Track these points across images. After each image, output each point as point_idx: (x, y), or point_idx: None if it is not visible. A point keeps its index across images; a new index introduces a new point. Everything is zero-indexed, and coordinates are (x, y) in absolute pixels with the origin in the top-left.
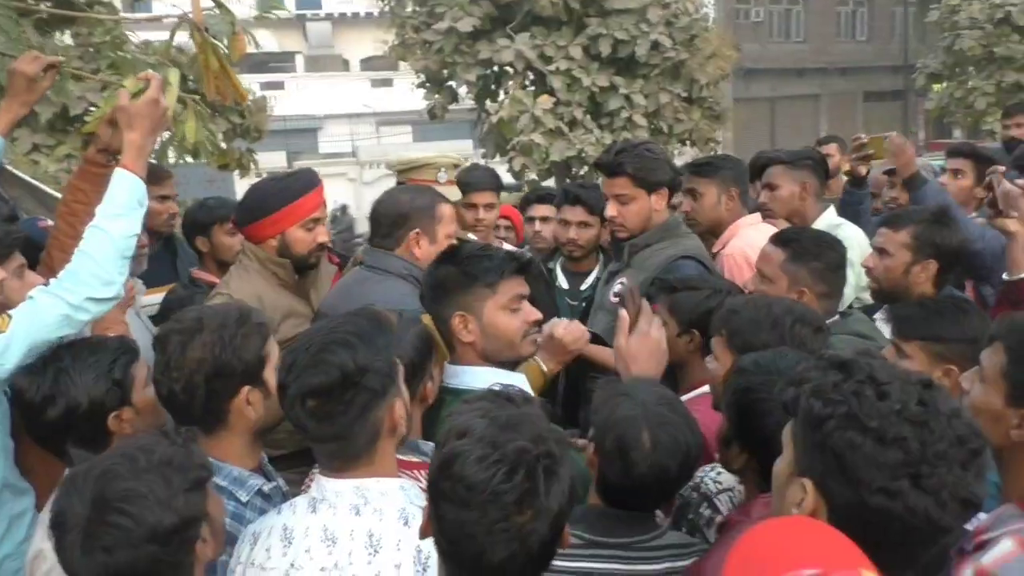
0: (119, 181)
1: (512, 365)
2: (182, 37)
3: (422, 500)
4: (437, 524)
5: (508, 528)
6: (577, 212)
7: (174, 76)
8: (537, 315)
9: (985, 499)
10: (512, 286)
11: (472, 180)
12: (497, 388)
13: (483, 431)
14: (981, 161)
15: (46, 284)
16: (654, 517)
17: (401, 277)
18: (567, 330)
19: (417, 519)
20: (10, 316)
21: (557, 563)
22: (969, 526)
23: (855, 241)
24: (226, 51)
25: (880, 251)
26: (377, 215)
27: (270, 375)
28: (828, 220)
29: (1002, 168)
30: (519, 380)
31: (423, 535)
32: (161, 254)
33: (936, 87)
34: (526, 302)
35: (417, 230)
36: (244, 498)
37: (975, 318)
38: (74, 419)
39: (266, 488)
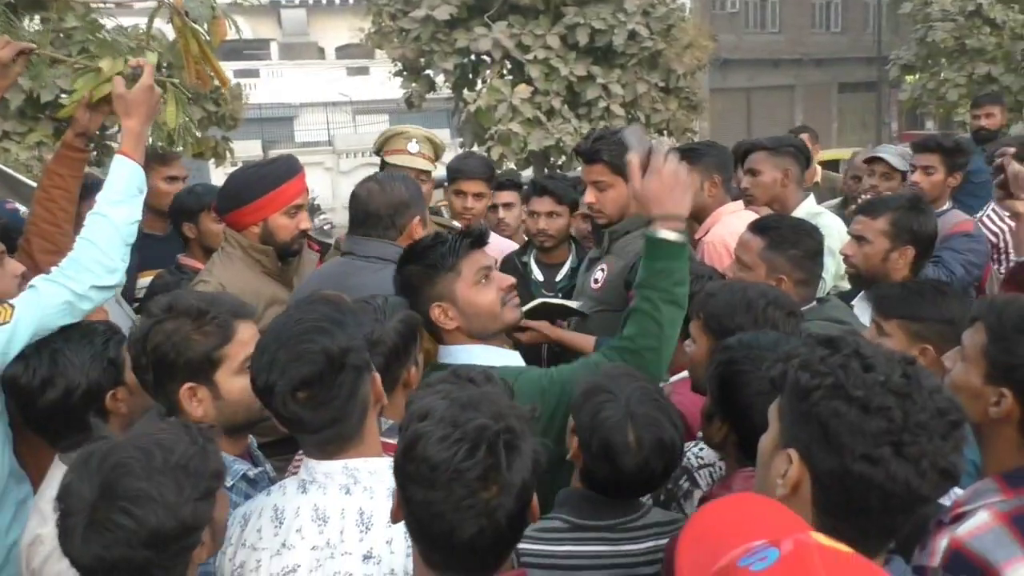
0: (119, 168)
1: (505, 340)
2: (159, 23)
3: None
4: (406, 506)
5: (475, 504)
6: (545, 203)
7: (152, 58)
8: (509, 279)
9: (962, 473)
10: (473, 261)
11: (464, 167)
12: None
13: (443, 411)
14: (949, 153)
15: (26, 271)
16: (638, 501)
17: (393, 262)
18: None
19: None
20: (12, 306)
21: (543, 547)
22: (948, 500)
23: (835, 230)
24: (206, 36)
25: (858, 238)
26: (373, 206)
27: (224, 378)
28: (808, 208)
29: (1012, 149)
30: (513, 357)
31: (395, 519)
32: (172, 235)
33: (909, 78)
34: (494, 271)
35: (418, 216)
36: (228, 483)
37: (953, 300)
38: (72, 400)
39: (251, 473)
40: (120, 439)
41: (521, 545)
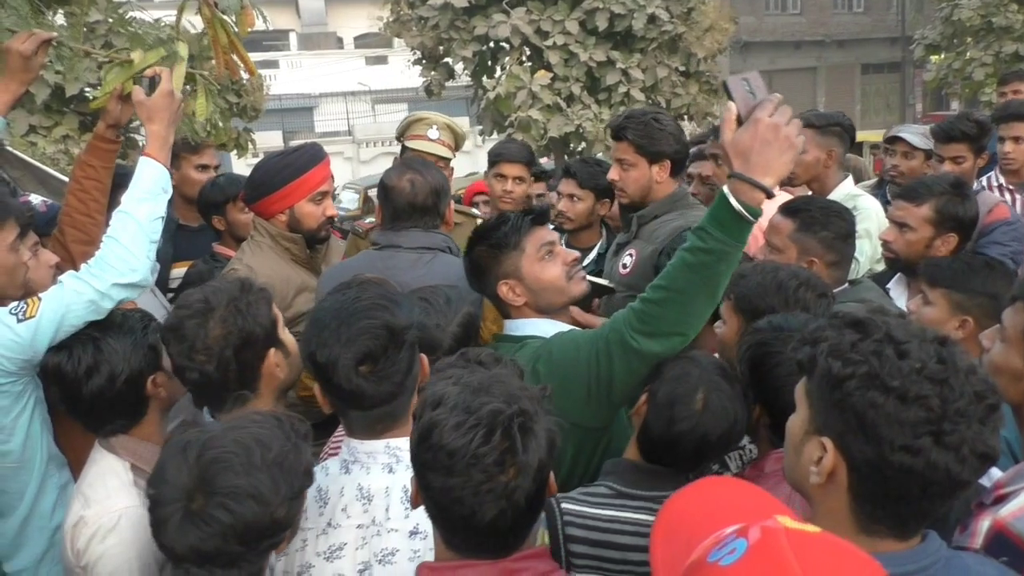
0: (144, 168)
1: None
2: (185, 15)
3: None
4: (425, 493)
5: (493, 488)
6: (568, 185)
7: (183, 50)
8: (573, 254)
9: (1000, 454)
10: (536, 238)
11: (505, 151)
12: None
13: (456, 398)
14: (975, 139)
15: (60, 262)
16: (684, 477)
17: (442, 251)
18: None
19: None
20: (40, 299)
21: (586, 510)
22: (987, 481)
23: (873, 212)
24: (234, 26)
25: (900, 225)
26: (420, 197)
27: (284, 335)
28: (847, 190)
29: None
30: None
31: (415, 505)
32: (206, 226)
33: (934, 58)
34: (558, 246)
35: (452, 201)
36: None
37: (1001, 276)
38: (116, 386)
39: None
40: (216, 431)
41: (564, 505)
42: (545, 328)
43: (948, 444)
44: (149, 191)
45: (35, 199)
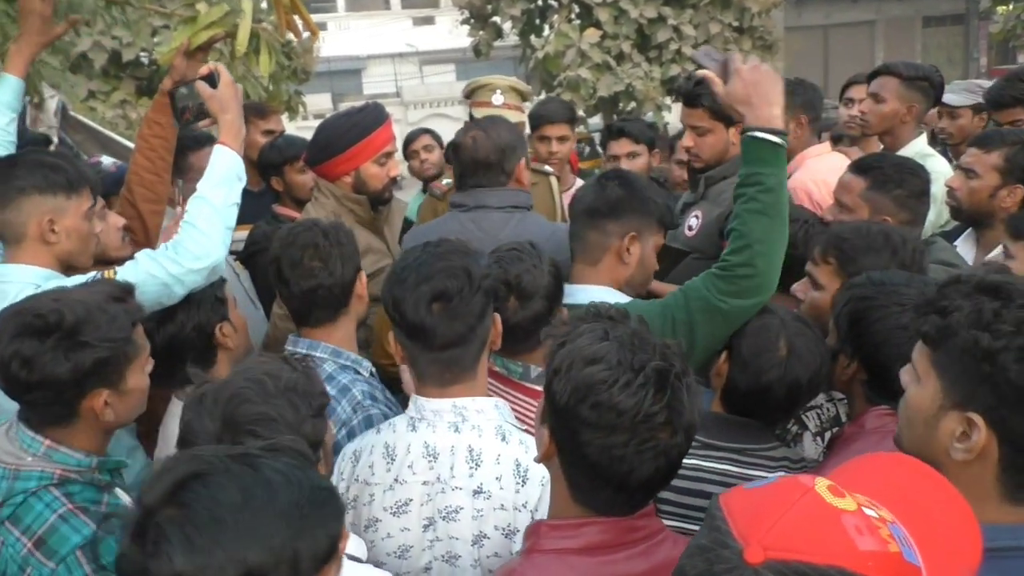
0: (219, 155)
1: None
2: None
3: (512, 417)
4: (577, 450)
5: (657, 446)
6: (623, 144)
7: (247, 5)
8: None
9: None
10: (661, 236)
11: (545, 112)
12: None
13: (616, 354)
14: None
15: (127, 226)
16: (771, 430)
17: (525, 208)
18: None
19: (513, 435)
20: (115, 272)
21: None
22: None
23: (942, 175)
24: None
25: (967, 171)
26: (482, 154)
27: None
28: (918, 148)
29: None
30: (624, 299)
31: (543, 458)
32: (267, 190)
33: (1001, 9)
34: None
35: (523, 159)
36: (364, 374)
37: None
38: (186, 332)
39: (373, 369)
40: (226, 377)
41: None
42: (606, 296)
43: None
44: (224, 177)
45: (106, 160)
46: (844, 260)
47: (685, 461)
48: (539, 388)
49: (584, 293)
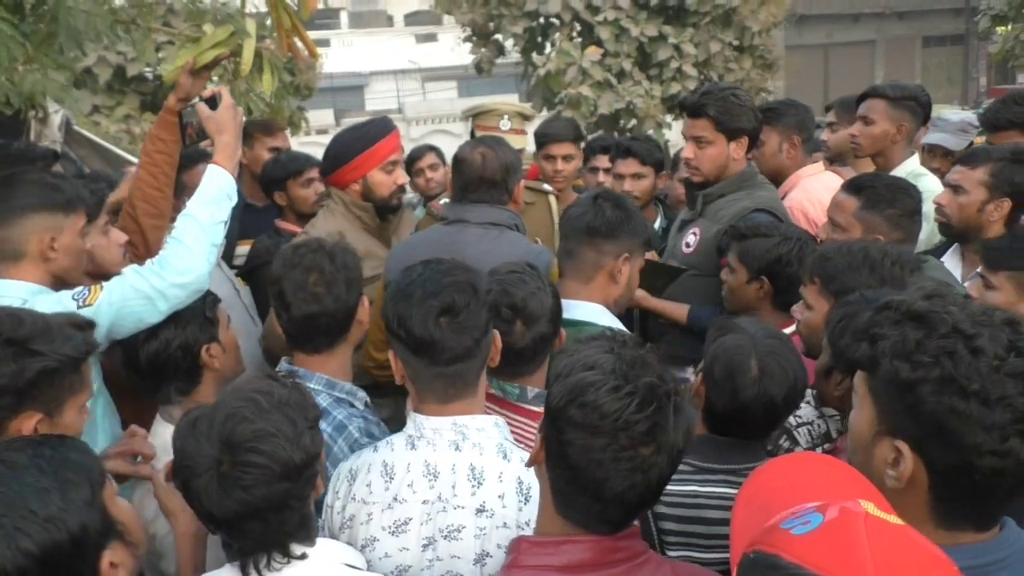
0: (211, 175)
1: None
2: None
3: (510, 436)
4: (560, 450)
5: (634, 458)
6: (630, 164)
7: (252, 27)
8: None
9: None
10: (643, 256)
11: (551, 131)
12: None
13: (613, 364)
14: None
15: (130, 242)
16: (762, 447)
17: (509, 228)
18: None
19: (514, 453)
20: (101, 288)
21: (671, 487)
22: None
23: (933, 194)
24: (296, 9)
25: (954, 188)
26: (489, 172)
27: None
28: (911, 168)
29: None
30: (615, 320)
31: (532, 463)
32: (271, 206)
33: (1000, 29)
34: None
35: (521, 179)
36: (359, 406)
37: None
38: (171, 350)
39: (367, 400)
40: (216, 400)
41: None
42: (599, 314)
43: None
44: (214, 197)
45: (131, 170)
46: (827, 279)
47: (683, 488)
48: (536, 409)
49: (579, 309)
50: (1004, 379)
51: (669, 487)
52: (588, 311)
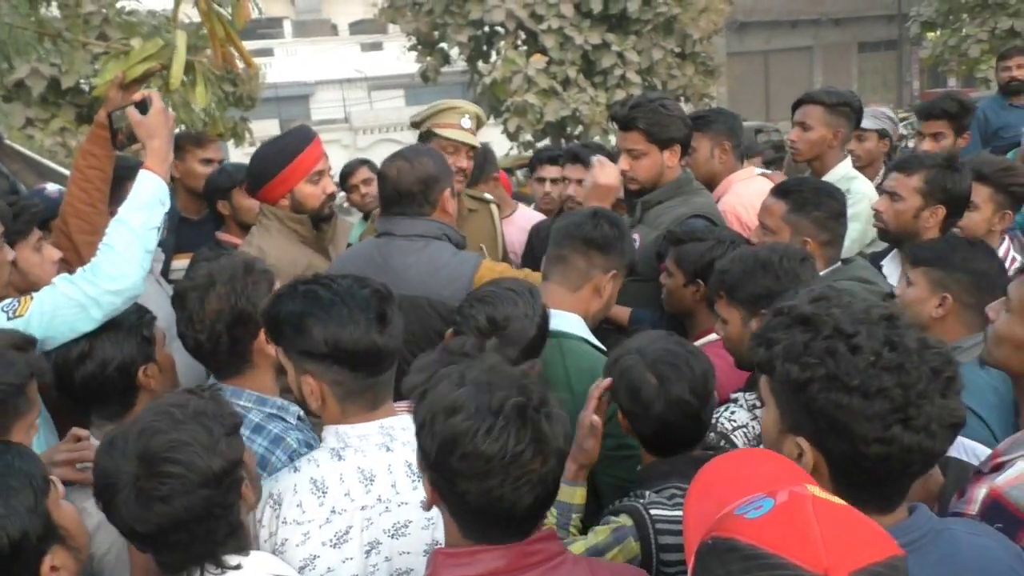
0: (143, 180)
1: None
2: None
3: None
4: (459, 499)
5: (532, 479)
6: (577, 170)
7: (181, 40)
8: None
9: (965, 418)
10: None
11: (544, 155)
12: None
13: (473, 400)
14: (956, 117)
15: (63, 259)
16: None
17: (437, 239)
18: None
19: None
20: (31, 298)
21: (662, 513)
22: (960, 452)
23: (866, 196)
24: (230, 19)
25: (891, 194)
26: (404, 184)
27: None
28: (844, 171)
29: None
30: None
31: (429, 506)
32: (207, 218)
33: (930, 35)
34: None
35: (448, 189)
36: (292, 420)
37: (982, 254)
38: (107, 372)
39: (301, 413)
40: (133, 418)
41: (654, 512)
42: (576, 325)
43: (917, 426)
44: (147, 202)
45: (51, 187)
46: (730, 290)
47: (674, 513)
48: None
49: (558, 319)
50: (881, 373)
51: (664, 512)
52: (567, 321)
